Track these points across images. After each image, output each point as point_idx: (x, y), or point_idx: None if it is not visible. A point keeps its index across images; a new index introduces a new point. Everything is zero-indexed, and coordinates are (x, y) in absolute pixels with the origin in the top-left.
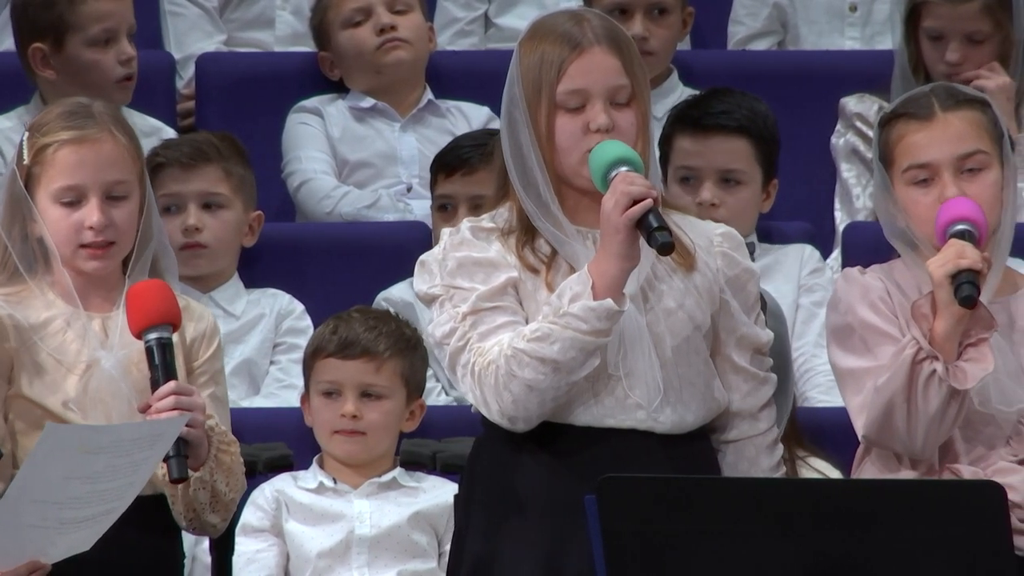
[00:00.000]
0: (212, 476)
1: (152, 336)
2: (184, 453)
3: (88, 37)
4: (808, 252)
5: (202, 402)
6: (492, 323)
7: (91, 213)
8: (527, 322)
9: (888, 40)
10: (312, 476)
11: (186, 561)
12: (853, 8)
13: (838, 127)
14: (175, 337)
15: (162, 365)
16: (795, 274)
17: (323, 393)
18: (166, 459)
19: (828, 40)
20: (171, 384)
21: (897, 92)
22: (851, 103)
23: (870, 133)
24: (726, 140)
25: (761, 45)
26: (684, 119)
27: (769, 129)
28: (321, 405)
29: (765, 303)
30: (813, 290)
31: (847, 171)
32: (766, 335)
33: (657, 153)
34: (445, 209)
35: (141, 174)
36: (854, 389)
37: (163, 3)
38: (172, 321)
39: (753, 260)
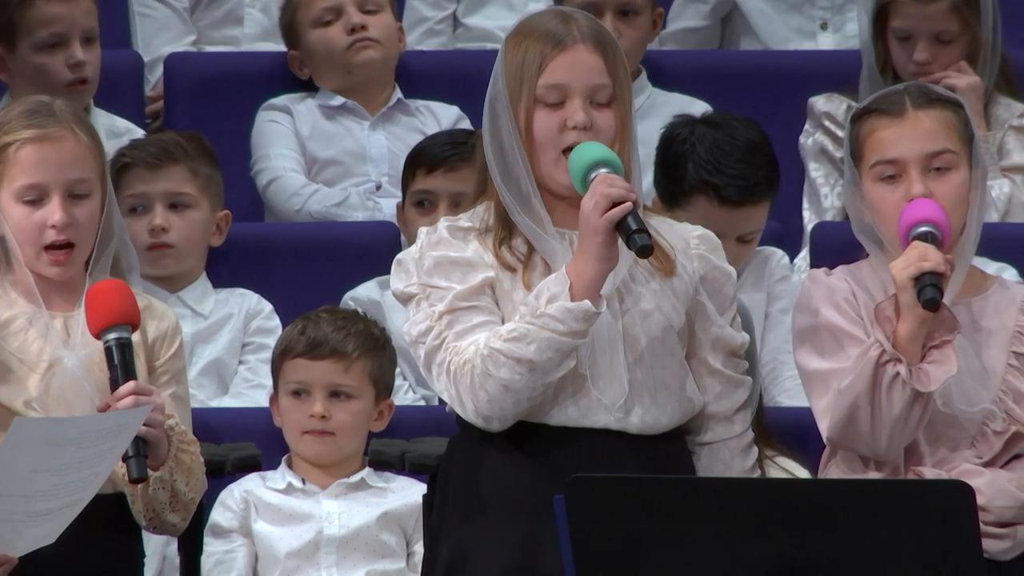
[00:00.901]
0: (172, 476)
1: (111, 336)
2: (143, 453)
3: (36, 41)
4: (777, 258)
5: (161, 402)
6: (468, 322)
7: (53, 212)
8: (503, 322)
9: (857, 40)
10: (281, 476)
11: (155, 560)
12: (824, 26)
13: (807, 127)
14: (136, 336)
15: (121, 365)
16: (764, 281)
17: (292, 393)
18: (125, 459)
19: (793, 15)
20: (130, 384)
21: (865, 92)
22: (820, 103)
23: (839, 132)
24: (755, 208)
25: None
26: (711, 187)
27: (778, 172)
28: (290, 405)
29: None
30: (780, 297)
31: (815, 171)
32: (741, 337)
33: (640, 155)
34: (423, 205)
35: (102, 173)
36: (819, 391)
37: (132, 4)
38: (131, 321)
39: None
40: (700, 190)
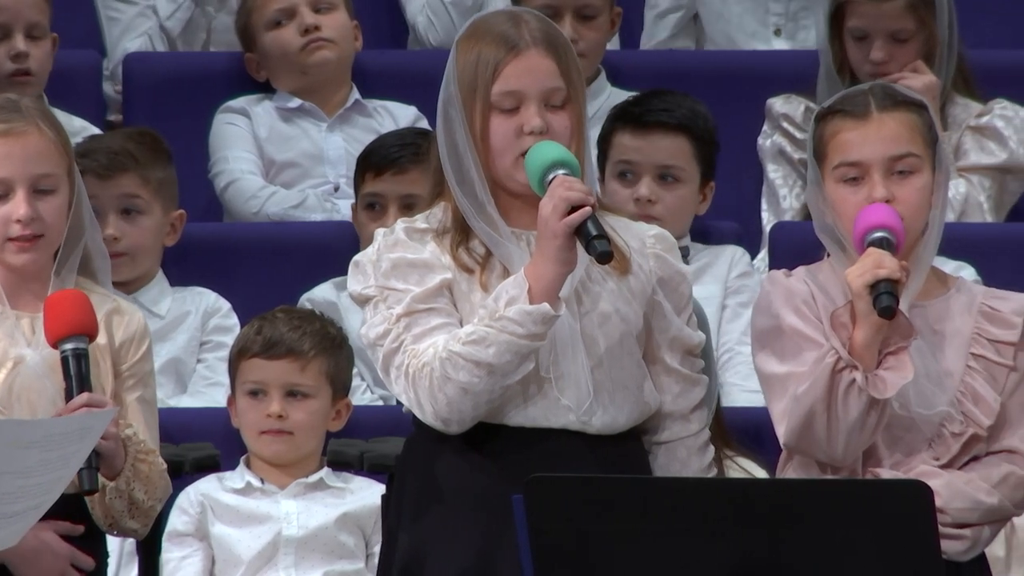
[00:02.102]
0: (129, 485)
1: (67, 347)
2: (95, 465)
3: None
4: (739, 255)
5: (116, 414)
6: (426, 325)
7: (18, 206)
8: (461, 324)
9: (814, 28)
10: (239, 476)
11: (113, 558)
12: (778, 32)
13: (765, 128)
14: (103, 339)
15: (76, 376)
16: (723, 275)
17: (249, 393)
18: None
19: (749, 20)
20: (83, 396)
21: (823, 92)
22: (777, 104)
23: (797, 134)
24: (666, 137)
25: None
26: (625, 116)
27: (709, 130)
28: (247, 406)
29: None
30: (740, 291)
31: (774, 172)
32: (698, 336)
33: (594, 154)
34: (373, 208)
35: (70, 169)
36: (777, 395)
37: (98, 5)
38: (88, 332)
39: (687, 263)
40: (615, 124)
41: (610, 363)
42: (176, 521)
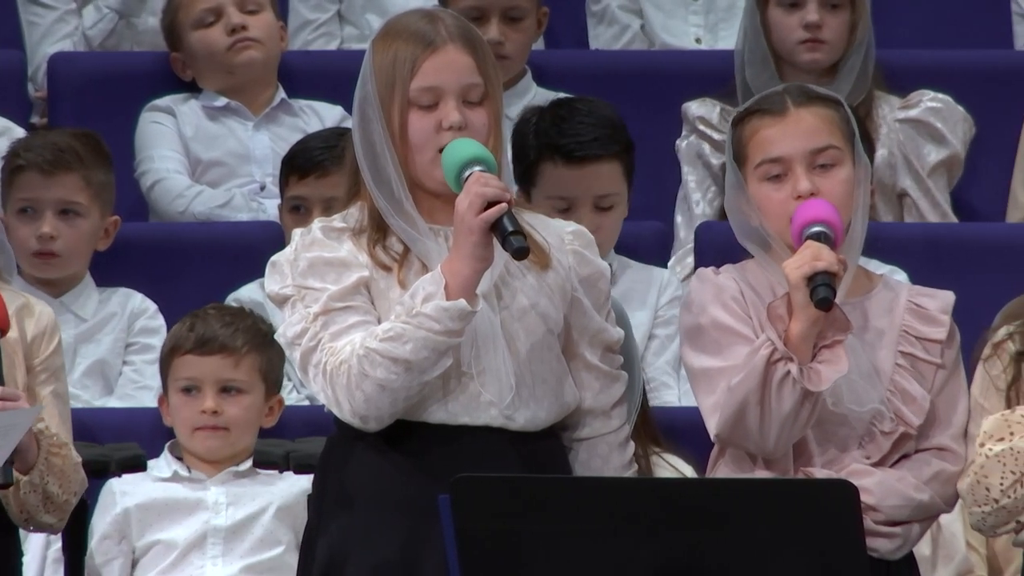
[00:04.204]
0: (43, 479)
1: None
2: (10, 459)
3: None
4: (666, 279)
5: (27, 408)
6: (344, 323)
7: None
8: (379, 322)
9: (733, 40)
10: (165, 465)
11: (35, 563)
12: (698, 41)
13: (683, 131)
14: (14, 334)
15: None
16: (652, 302)
17: (182, 390)
18: None
19: (674, 25)
20: None
21: (748, 80)
22: (693, 107)
23: (714, 135)
24: (601, 166)
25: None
26: (555, 148)
27: (630, 142)
28: (180, 403)
29: None
30: (669, 323)
31: (689, 175)
32: (617, 333)
33: (510, 154)
34: (298, 211)
35: None
36: (707, 389)
37: (19, 6)
38: (0, 327)
39: (613, 285)
40: (544, 154)
41: (530, 357)
42: (98, 520)
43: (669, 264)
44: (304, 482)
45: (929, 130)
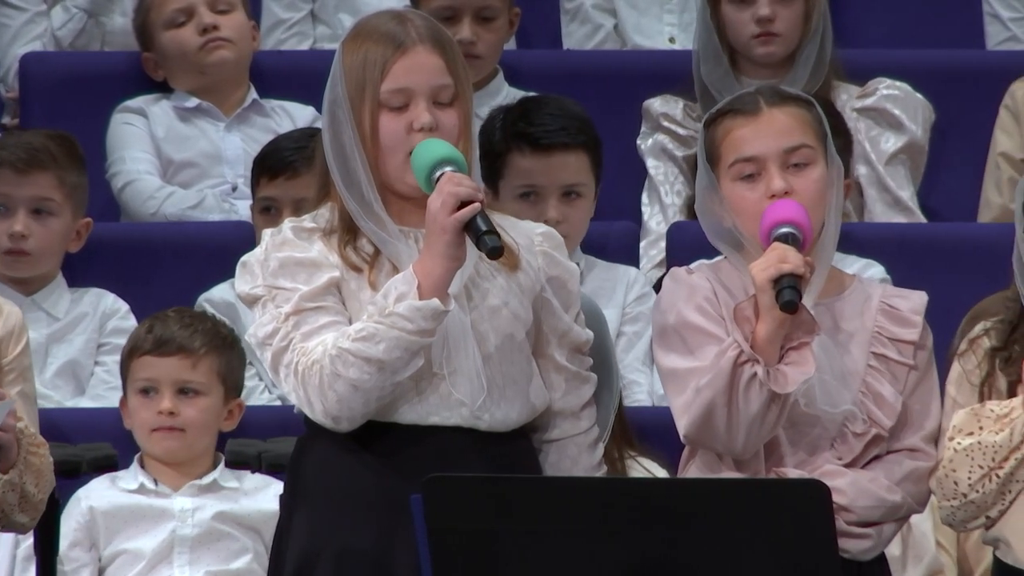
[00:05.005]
0: (22, 478)
1: None
2: None
3: None
4: (633, 276)
5: (13, 406)
6: (315, 323)
7: None
8: (350, 322)
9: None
10: (133, 476)
11: (5, 563)
12: (672, 40)
13: (643, 129)
14: None
15: None
16: (620, 300)
17: (140, 391)
18: None
19: (648, 24)
20: None
21: (705, 75)
22: (656, 104)
23: (679, 131)
24: (568, 155)
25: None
26: (522, 137)
27: (598, 138)
28: (138, 404)
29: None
30: (636, 319)
31: (654, 168)
32: (586, 334)
33: (478, 154)
34: (269, 212)
35: None
36: (678, 389)
37: None
38: None
39: (580, 284)
40: (512, 145)
41: (500, 358)
42: (66, 528)
43: (640, 251)
44: (269, 493)
45: (887, 117)
